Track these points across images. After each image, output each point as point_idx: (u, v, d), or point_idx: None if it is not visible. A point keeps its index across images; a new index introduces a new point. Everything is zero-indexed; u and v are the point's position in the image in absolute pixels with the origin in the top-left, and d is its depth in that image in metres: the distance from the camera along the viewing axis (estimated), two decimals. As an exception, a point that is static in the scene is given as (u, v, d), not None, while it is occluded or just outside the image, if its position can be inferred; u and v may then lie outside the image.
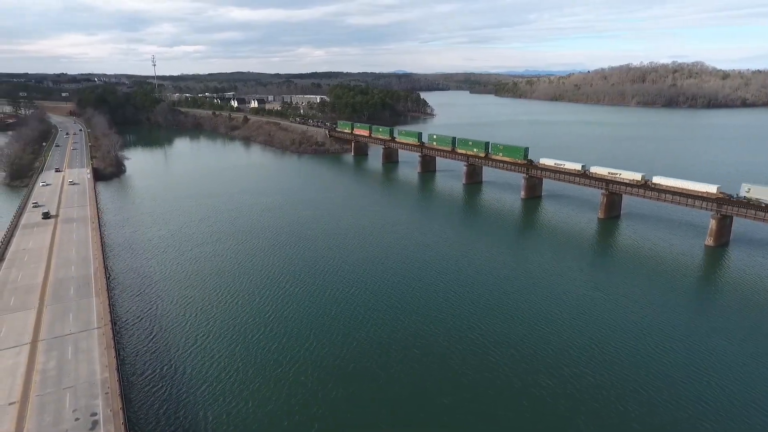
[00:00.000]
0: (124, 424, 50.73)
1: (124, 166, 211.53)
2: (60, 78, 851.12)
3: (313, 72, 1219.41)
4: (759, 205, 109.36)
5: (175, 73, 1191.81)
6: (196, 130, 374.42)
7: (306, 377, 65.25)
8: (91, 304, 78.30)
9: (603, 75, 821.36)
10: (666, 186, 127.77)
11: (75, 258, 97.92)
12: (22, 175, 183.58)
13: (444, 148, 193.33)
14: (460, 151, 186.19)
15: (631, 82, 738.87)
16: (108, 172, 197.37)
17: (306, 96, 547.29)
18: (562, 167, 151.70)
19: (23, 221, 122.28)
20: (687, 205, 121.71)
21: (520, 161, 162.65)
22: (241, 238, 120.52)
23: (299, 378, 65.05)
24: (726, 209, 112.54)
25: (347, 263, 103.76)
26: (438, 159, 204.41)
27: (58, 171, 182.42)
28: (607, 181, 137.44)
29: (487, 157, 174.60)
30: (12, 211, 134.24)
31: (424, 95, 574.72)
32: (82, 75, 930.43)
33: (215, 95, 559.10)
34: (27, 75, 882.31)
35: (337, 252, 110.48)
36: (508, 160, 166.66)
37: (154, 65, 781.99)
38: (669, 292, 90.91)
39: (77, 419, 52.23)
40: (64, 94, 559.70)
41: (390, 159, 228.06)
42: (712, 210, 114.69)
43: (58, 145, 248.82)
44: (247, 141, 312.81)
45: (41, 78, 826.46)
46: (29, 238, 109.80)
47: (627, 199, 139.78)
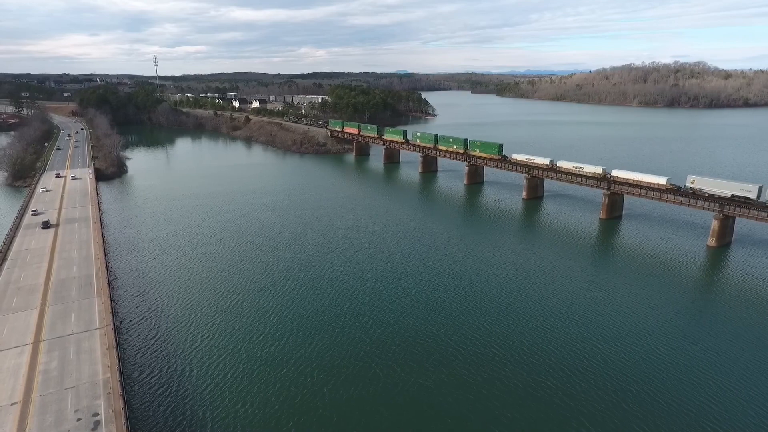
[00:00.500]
0: (125, 424, 50.80)
1: (125, 166, 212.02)
2: (62, 78, 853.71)
3: (315, 72, 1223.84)
4: (754, 204, 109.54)
5: (177, 74, 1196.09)
6: (197, 130, 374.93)
7: (309, 378, 65.33)
8: (93, 304, 78.44)
9: (605, 75, 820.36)
10: (622, 178, 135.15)
11: (77, 258, 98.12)
12: (24, 175, 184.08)
13: (427, 145, 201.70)
14: (441, 148, 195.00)
15: (633, 82, 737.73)
16: (110, 172, 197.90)
17: (307, 96, 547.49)
18: (531, 162, 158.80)
19: (20, 232, 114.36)
20: (640, 196, 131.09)
21: (495, 156, 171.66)
22: (244, 238, 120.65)
23: (302, 379, 65.12)
24: (728, 210, 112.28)
25: (349, 263, 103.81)
26: (440, 159, 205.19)
27: (58, 176, 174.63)
28: (570, 174, 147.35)
29: (466, 153, 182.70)
30: (14, 212, 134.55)
31: (425, 95, 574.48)
32: (84, 75, 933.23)
33: (217, 95, 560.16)
34: (30, 75, 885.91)
35: (339, 252, 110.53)
36: (484, 155, 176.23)
37: (155, 65, 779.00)
38: (671, 292, 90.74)
39: (79, 419, 52.32)
40: (66, 94, 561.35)
41: (391, 159, 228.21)
42: (714, 210, 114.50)
43: (59, 148, 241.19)
44: (249, 141, 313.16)
45: (44, 78, 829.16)
46: (31, 238, 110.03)
47: (628, 200, 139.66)
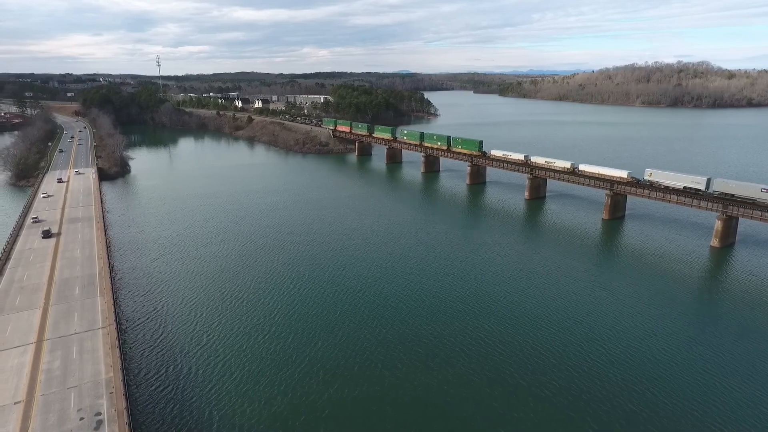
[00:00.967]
0: (128, 424, 50.91)
1: (128, 166, 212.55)
2: (65, 78, 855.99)
3: (317, 72, 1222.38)
4: (758, 204, 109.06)
5: (180, 74, 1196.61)
6: (200, 130, 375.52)
7: (313, 377, 65.33)
8: (96, 303, 78.62)
9: (607, 75, 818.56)
10: (588, 172, 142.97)
11: (80, 258, 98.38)
12: (27, 175, 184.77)
13: (413, 142, 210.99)
14: (426, 145, 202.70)
15: (636, 82, 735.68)
16: (113, 172, 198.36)
17: (310, 96, 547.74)
18: (508, 157, 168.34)
19: (18, 244, 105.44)
20: (602, 188, 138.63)
21: (475, 152, 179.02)
22: (247, 238, 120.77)
23: (306, 378, 65.13)
24: (732, 210, 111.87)
25: (353, 263, 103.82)
26: (441, 159, 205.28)
27: (60, 181, 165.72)
28: (542, 168, 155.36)
29: (449, 150, 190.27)
30: (18, 211, 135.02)
31: (428, 95, 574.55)
32: (87, 75, 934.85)
33: (219, 95, 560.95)
34: (33, 75, 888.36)
35: (343, 252, 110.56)
36: (465, 151, 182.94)
37: (158, 65, 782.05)
38: (675, 293, 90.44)
39: (82, 419, 52.45)
40: (69, 94, 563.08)
41: (394, 159, 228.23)
42: (717, 211, 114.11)
43: (62, 151, 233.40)
44: (252, 141, 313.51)
45: (47, 78, 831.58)
46: (35, 237, 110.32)
47: (630, 200, 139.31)
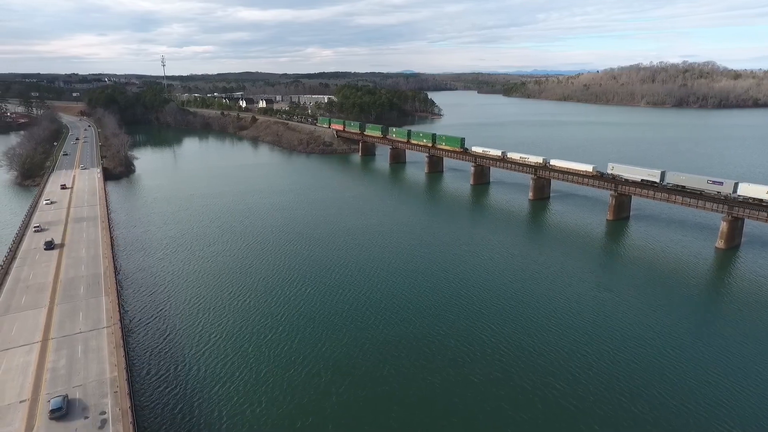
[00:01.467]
0: (132, 423, 51.12)
1: (133, 165, 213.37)
2: (71, 78, 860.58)
3: (321, 72, 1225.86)
4: (764, 205, 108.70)
5: (185, 73, 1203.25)
6: (204, 130, 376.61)
7: (318, 378, 65.42)
8: (101, 303, 79.01)
9: (612, 75, 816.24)
10: (559, 167, 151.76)
11: (85, 257, 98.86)
12: (33, 175, 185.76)
13: (401, 139, 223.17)
14: (413, 142, 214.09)
15: (641, 82, 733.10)
16: (117, 171, 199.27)
17: (314, 96, 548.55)
18: (487, 153, 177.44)
19: (20, 255, 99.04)
20: (575, 182, 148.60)
21: (458, 149, 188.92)
22: (252, 238, 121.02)
23: (312, 379, 65.21)
24: (737, 211, 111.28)
25: (358, 263, 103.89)
26: (446, 159, 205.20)
27: (64, 187, 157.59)
28: (516, 163, 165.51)
29: (434, 147, 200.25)
30: (23, 210, 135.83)
31: (431, 95, 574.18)
32: (92, 75, 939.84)
33: (224, 95, 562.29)
34: (39, 75, 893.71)
35: (348, 252, 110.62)
36: (449, 148, 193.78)
37: (163, 65, 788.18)
38: (680, 294, 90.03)
39: (86, 417, 52.72)
40: (75, 94, 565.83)
41: (397, 159, 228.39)
42: (723, 212, 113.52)
43: (66, 153, 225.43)
44: (256, 141, 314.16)
45: (53, 78, 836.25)
46: (40, 237, 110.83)
47: (635, 201, 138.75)
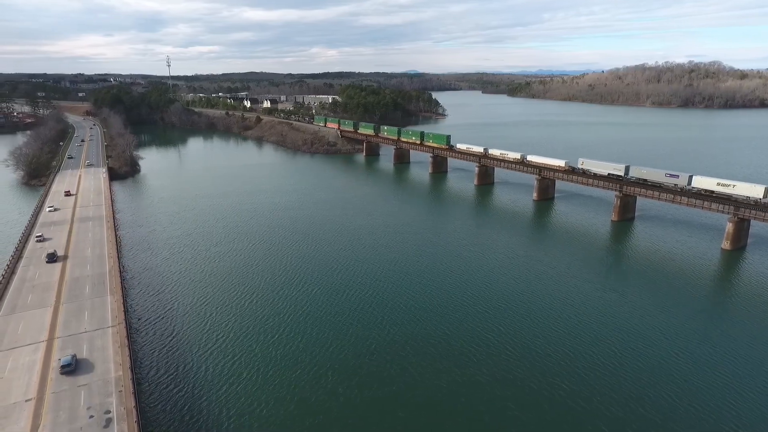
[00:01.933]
0: (137, 422, 51.35)
1: (138, 165, 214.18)
2: (77, 78, 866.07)
3: (326, 72, 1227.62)
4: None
5: (190, 73, 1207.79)
6: (209, 130, 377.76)
7: (325, 378, 65.48)
8: (106, 302, 79.40)
9: (618, 75, 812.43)
10: (535, 162, 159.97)
11: (90, 257, 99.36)
12: (39, 174, 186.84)
13: (392, 137, 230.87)
14: (403, 140, 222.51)
15: (647, 82, 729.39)
16: (123, 171, 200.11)
17: (318, 96, 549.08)
18: (470, 150, 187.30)
19: (21, 263, 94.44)
20: (548, 177, 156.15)
21: (444, 146, 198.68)
22: (257, 238, 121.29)
23: (318, 379, 65.30)
24: (743, 212, 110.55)
25: (363, 263, 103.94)
26: (450, 160, 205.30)
27: (68, 194, 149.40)
28: (495, 159, 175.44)
29: (422, 144, 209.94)
30: (30, 210, 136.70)
31: (436, 95, 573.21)
32: (98, 75, 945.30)
33: (229, 95, 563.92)
34: (45, 75, 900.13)
35: (352, 252, 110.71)
36: (435, 145, 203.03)
37: (168, 66, 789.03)
38: (686, 295, 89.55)
39: (91, 416, 53.01)
40: (80, 94, 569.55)
41: (401, 160, 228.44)
42: (729, 213, 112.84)
43: (71, 157, 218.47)
44: (260, 141, 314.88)
45: (59, 78, 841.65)
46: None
47: (640, 201, 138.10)
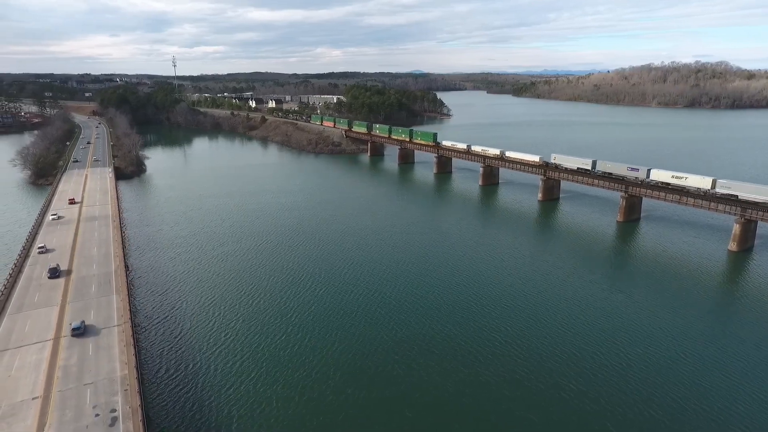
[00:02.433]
0: (142, 421, 51.60)
1: (144, 165, 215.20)
2: (84, 78, 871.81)
3: (331, 72, 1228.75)
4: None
5: (195, 74, 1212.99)
6: (214, 130, 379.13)
7: (331, 378, 65.56)
8: (112, 301, 79.80)
9: (623, 75, 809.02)
10: (513, 157, 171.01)
11: (96, 256, 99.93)
12: (46, 174, 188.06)
13: (384, 135, 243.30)
14: (394, 137, 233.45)
15: (652, 82, 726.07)
16: (129, 171, 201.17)
17: (323, 96, 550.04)
18: (454, 147, 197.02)
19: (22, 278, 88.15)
20: (522, 171, 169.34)
21: (431, 143, 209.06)
22: (262, 238, 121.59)
23: (324, 379, 65.38)
24: (750, 214, 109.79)
25: (368, 264, 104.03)
26: (455, 160, 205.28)
27: (73, 202, 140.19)
28: (477, 155, 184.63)
29: (411, 141, 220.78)
30: (37, 210, 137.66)
31: (440, 95, 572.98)
32: (104, 75, 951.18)
33: (234, 95, 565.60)
34: (53, 75, 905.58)
35: (358, 252, 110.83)
36: (423, 142, 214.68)
37: (174, 66, 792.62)
38: (693, 296, 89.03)
39: (97, 415, 53.28)
40: (87, 94, 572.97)
41: (406, 160, 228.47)
42: (735, 214, 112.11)
43: (76, 161, 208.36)
44: (265, 141, 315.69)
45: (66, 78, 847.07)
46: (53, 236, 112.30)
47: (646, 202, 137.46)
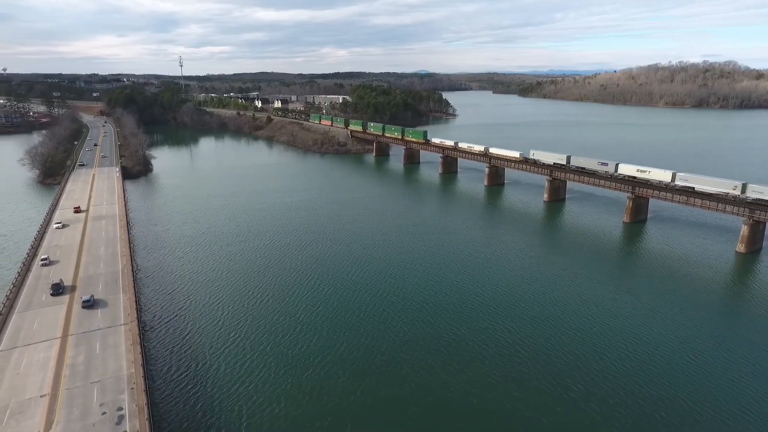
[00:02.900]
0: (148, 419, 51.93)
1: (151, 165, 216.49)
2: (91, 78, 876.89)
3: (336, 72, 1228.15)
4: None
5: (202, 74, 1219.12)
6: (221, 129, 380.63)
7: (337, 378, 65.65)
8: (119, 300, 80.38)
9: (630, 75, 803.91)
10: (495, 154, 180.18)
11: (104, 255, 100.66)
12: (54, 173, 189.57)
13: (377, 133, 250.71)
14: (388, 135, 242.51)
15: (660, 82, 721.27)
16: (136, 170, 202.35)
17: (328, 96, 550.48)
18: (443, 144, 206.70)
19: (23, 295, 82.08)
20: (505, 166, 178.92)
21: (421, 140, 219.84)
22: (269, 237, 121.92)
23: (331, 379, 65.52)
24: (759, 215, 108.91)
25: (375, 263, 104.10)
26: (460, 160, 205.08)
27: (78, 211, 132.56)
28: (463, 151, 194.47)
29: (403, 139, 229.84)
30: (46, 209, 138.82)
31: (446, 95, 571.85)
32: (112, 75, 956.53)
33: (240, 95, 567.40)
34: (61, 75, 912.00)
35: (364, 252, 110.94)
36: (414, 140, 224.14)
37: (181, 66, 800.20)
38: (701, 298, 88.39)
39: (104, 413, 53.69)
40: (95, 94, 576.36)
41: (412, 160, 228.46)
42: (744, 216, 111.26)
43: (83, 164, 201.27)
44: (271, 141, 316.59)
45: (74, 78, 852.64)
46: (61, 234, 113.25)
47: (652, 203, 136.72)
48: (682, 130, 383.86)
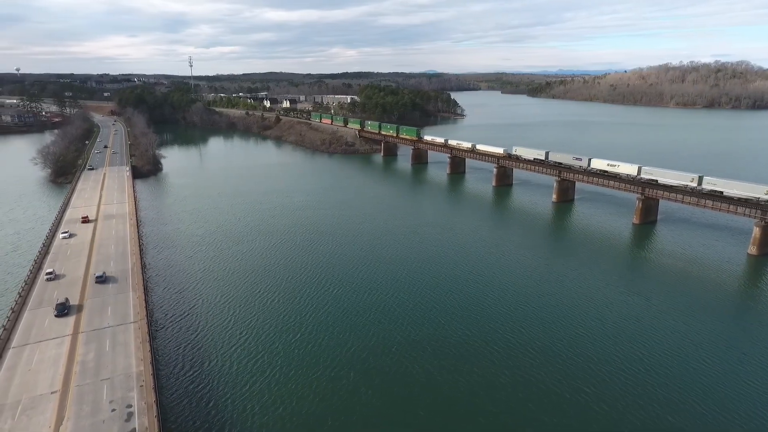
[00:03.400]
0: (157, 417, 52.36)
1: (161, 164, 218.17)
2: (102, 78, 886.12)
3: (345, 72, 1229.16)
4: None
5: (212, 74, 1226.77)
6: (230, 129, 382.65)
7: (346, 378, 65.73)
8: (128, 298, 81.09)
9: (640, 75, 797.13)
10: (483, 150, 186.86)
11: (114, 254, 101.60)
12: (66, 172, 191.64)
13: (374, 131, 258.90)
14: (383, 133, 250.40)
15: (670, 82, 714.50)
16: (146, 170, 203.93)
17: (337, 96, 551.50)
18: (434, 141, 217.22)
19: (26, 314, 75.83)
20: (488, 161, 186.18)
21: (414, 138, 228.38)
22: (278, 237, 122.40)
23: (339, 378, 65.64)
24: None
25: (383, 264, 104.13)
26: (468, 161, 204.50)
27: (85, 220, 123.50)
28: (456, 149, 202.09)
29: (398, 137, 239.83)
30: (56, 208, 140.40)
31: (454, 95, 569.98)
32: (123, 75, 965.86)
33: (249, 95, 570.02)
34: (73, 75, 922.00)
35: (373, 252, 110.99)
36: (408, 137, 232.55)
37: (191, 66, 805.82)
38: (712, 301, 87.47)
39: (113, 410, 54.24)
40: (105, 94, 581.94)
41: (419, 160, 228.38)
42: (755, 217, 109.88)
43: (91, 168, 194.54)
44: (279, 140, 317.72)
45: (85, 78, 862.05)
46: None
47: (663, 205, 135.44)
48: (695, 131, 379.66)
